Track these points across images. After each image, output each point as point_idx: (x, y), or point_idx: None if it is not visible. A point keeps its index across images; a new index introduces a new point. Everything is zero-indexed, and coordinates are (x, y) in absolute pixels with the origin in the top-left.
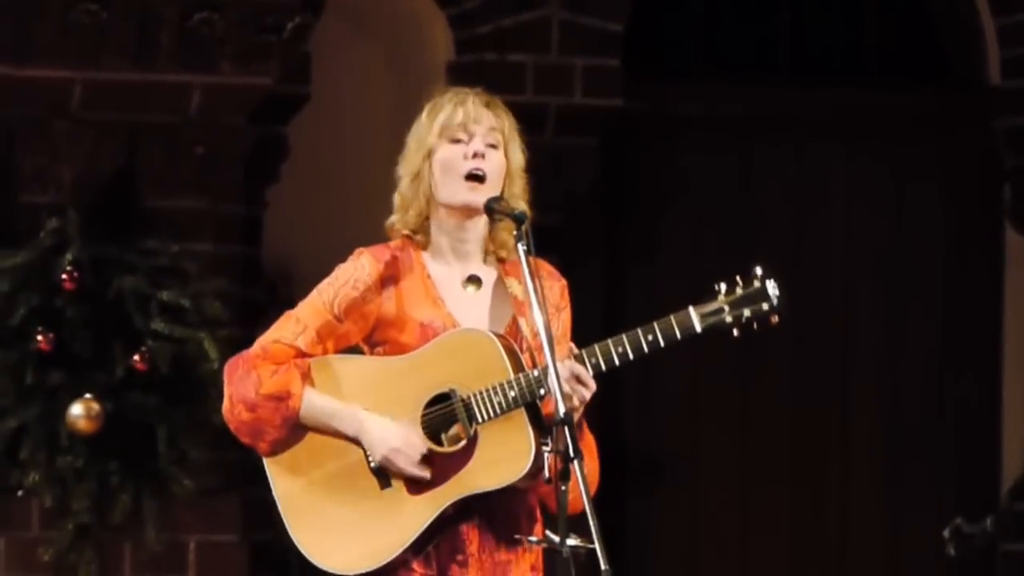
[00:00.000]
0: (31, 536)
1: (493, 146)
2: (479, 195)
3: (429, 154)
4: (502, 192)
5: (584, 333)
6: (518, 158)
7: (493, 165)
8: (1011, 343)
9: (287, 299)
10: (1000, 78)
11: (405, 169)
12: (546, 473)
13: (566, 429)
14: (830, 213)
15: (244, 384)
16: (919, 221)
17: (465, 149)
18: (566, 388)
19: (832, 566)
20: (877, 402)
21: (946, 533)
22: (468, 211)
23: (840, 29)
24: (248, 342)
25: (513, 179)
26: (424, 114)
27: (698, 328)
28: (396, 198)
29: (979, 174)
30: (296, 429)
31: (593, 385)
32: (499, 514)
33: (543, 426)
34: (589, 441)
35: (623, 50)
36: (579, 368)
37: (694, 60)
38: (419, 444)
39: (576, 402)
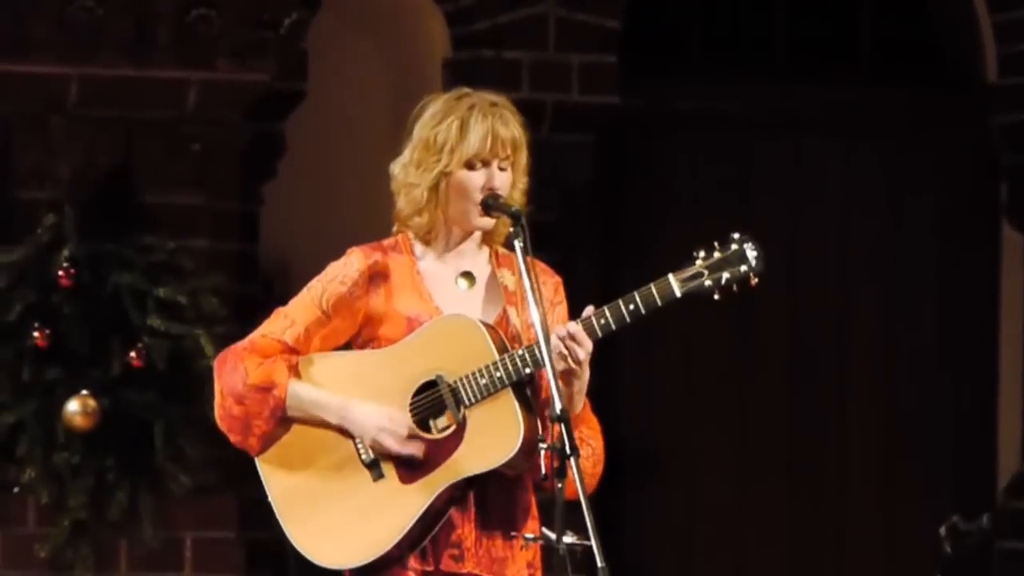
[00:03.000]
0: (27, 533)
1: (504, 168)
2: (489, 220)
3: (447, 175)
4: None
5: None
6: (523, 164)
7: (503, 185)
8: (1007, 341)
9: (283, 295)
10: (997, 75)
11: (421, 177)
12: (542, 470)
13: (562, 426)
14: (827, 210)
15: (232, 377)
16: (916, 218)
17: (482, 177)
18: (561, 348)
19: (828, 563)
20: (874, 400)
21: (942, 531)
22: (473, 228)
23: (837, 26)
24: (244, 338)
25: (515, 184)
26: (450, 125)
27: (678, 293)
28: (408, 199)
29: (976, 171)
30: (283, 423)
31: (589, 344)
32: (496, 509)
33: (532, 407)
34: (592, 423)
35: (620, 47)
36: (574, 327)
37: (691, 57)
38: (404, 421)
39: (571, 362)
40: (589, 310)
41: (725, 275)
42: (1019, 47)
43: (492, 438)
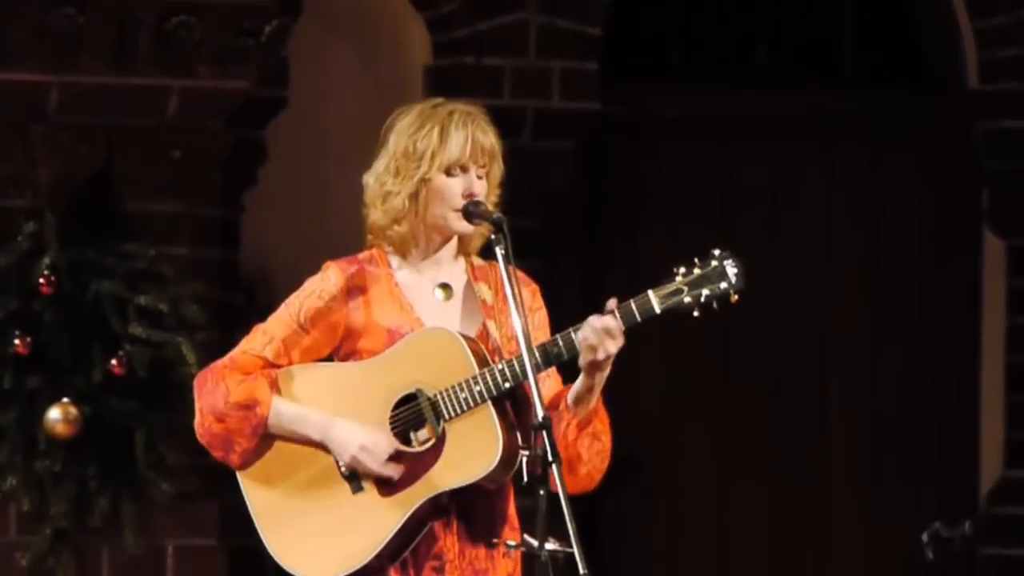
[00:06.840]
0: (8, 541)
1: (480, 177)
2: (468, 225)
3: (426, 181)
4: None
5: None
6: (497, 173)
7: (481, 193)
8: (989, 347)
9: (264, 303)
10: (978, 81)
11: (400, 185)
12: (524, 478)
13: (544, 434)
14: (808, 215)
15: (213, 395)
16: (897, 224)
17: (461, 184)
18: (594, 340)
19: (810, 569)
20: (856, 405)
21: (924, 537)
22: (453, 233)
23: (818, 31)
24: (225, 346)
25: (489, 192)
26: (430, 131)
27: (657, 310)
28: (386, 208)
29: (957, 177)
30: (265, 439)
31: (621, 340)
32: (477, 520)
33: (512, 421)
34: (604, 418)
35: (601, 53)
36: (609, 321)
37: (672, 63)
38: (385, 443)
39: (601, 355)
40: (612, 302)
41: (705, 292)
42: (1000, 53)
43: (471, 452)
